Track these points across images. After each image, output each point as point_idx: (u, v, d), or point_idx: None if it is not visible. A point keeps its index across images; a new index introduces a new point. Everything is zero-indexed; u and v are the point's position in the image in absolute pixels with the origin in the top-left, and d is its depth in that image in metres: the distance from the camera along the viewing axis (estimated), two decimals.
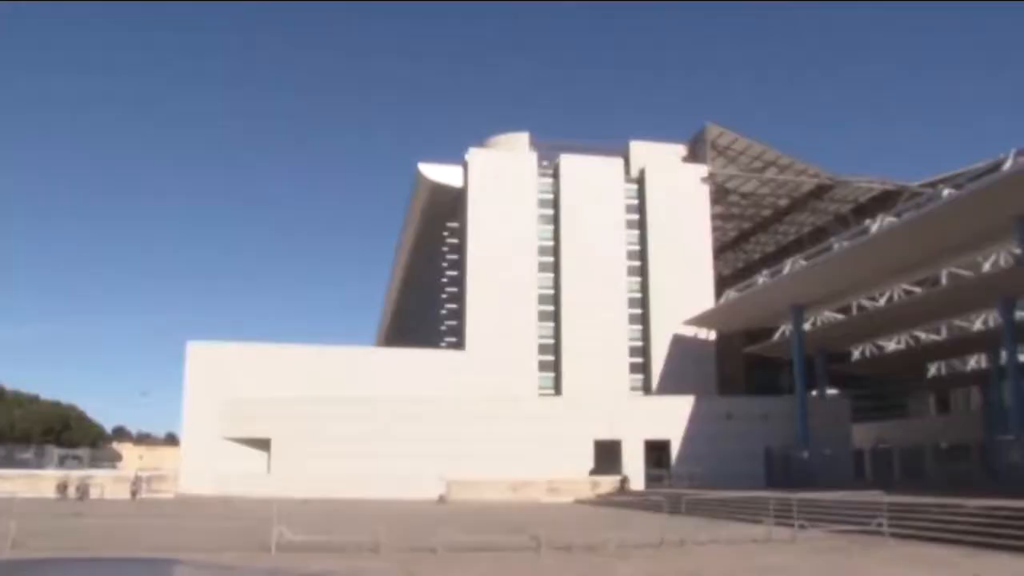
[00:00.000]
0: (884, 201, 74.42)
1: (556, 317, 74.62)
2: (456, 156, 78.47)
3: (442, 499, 55.01)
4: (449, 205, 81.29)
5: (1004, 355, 59.28)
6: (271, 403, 62.27)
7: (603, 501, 54.37)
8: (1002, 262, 58.22)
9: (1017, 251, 44.11)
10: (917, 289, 66.21)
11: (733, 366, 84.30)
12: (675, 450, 63.30)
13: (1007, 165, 39.81)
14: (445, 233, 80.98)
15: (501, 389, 65.91)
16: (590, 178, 77.47)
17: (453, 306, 77.65)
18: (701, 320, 73.09)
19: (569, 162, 78.06)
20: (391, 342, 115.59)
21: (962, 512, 26.11)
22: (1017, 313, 55.16)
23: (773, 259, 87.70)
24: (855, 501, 30.10)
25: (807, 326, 68.90)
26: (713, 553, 22.72)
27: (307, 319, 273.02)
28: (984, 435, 68.61)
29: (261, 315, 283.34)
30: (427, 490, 54.98)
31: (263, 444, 62.18)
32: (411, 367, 67.94)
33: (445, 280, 79.51)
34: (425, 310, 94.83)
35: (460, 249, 77.55)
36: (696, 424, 63.85)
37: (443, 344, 77.66)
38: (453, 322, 77.41)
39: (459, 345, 73.95)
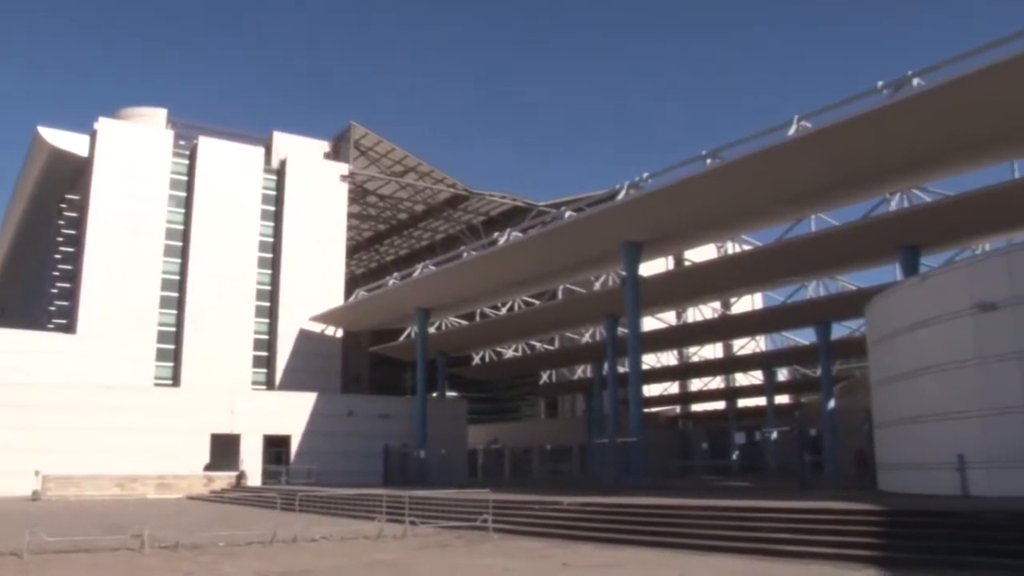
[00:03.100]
0: (513, 216, 79.00)
1: (180, 305, 70.74)
2: (88, 127, 71.81)
3: (36, 496, 50.14)
4: (70, 175, 74.29)
5: (606, 366, 65.06)
6: None
7: (217, 498, 52.57)
8: (611, 282, 63.84)
9: (623, 273, 48.53)
10: (536, 301, 70.99)
11: (359, 364, 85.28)
12: (295, 446, 62.60)
13: (620, 195, 43.74)
14: (63, 206, 73.93)
15: (115, 377, 61.36)
16: (229, 164, 74.51)
17: (66, 285, 70.92)
18: (329, 317, 73.05)
19: (208, 145, 74.56)
20: None
21: (559, 508, 28.21)
22: (619, 329, 60.72)
23: (405, 262, 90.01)
24: (465, 499, 31.44)
25: (432, 330, 71.29)
26: (324, 550, 22.65)
27: None
28: (585, 438, 74.93)
29: None
30: (19, 486, 49.89)
31: None
32: (9, 349, 61.18)
33: (59, 256, 72.48)
34: (31, 288, 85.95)
35: (79, 224, 71.12)
36: (317, 421, 63.65)
37: (51, 326, 70.76)
38: (64, 303, 70.79)
39: (70, 328, 67.84)
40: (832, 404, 59.97)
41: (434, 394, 73.68)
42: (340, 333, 77.03)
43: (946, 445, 25.06)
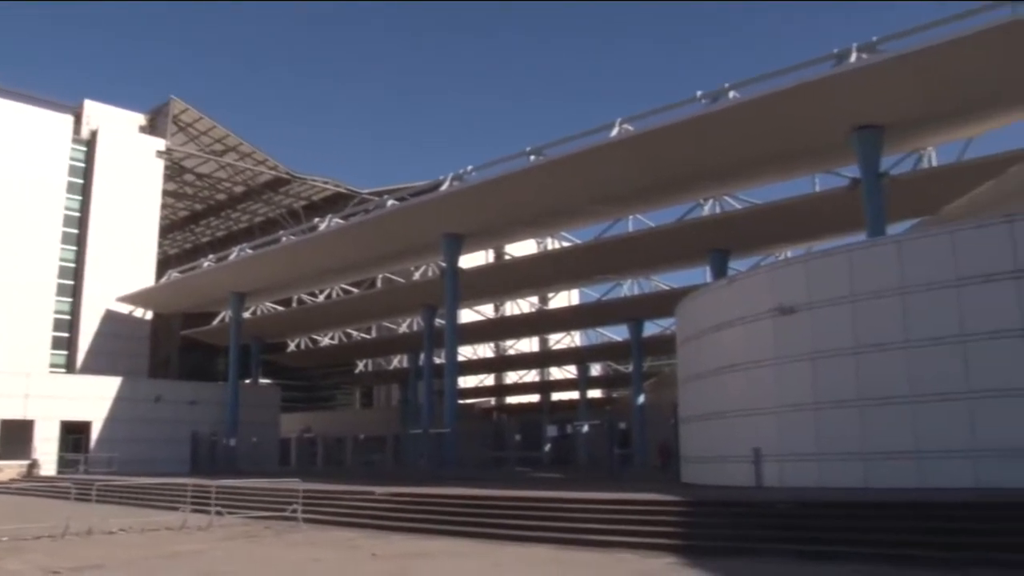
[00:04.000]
0: (336, 202, 77.60)
1: None
2: None
3: None
4: None
5: (423, 357, 65.07)
6: None
7: (3, 489, 49.15)
8: (430, 273, 63.85)
9: (443, 264, 48.61)
10: (354, 289, 70.20)
11: (168, 348, 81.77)
12: (96, 433, 59.29)
13: (443, 187, 43.73)
14: None
15: None
16: (31, 131, 69.34)
17: None
18: (138, 298, 69.52)
19: (7, 108, 69.31)
20: None
21: (371, 499, 28.01)
22: (437, 321, 60.80)
23: (221, 244, 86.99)
24: (275, 488, 30.70)
25: (247, 314, 69.21)
26: (122, 542, 21.59)
27: None
28: (400, 428, 74.72)
29: None
30: None
31: None
32: None
33: None
34: None
35: None
36: (122, 406, 60.45)
37: None
38: None
39: None
40: (642, 399, 62.27)
41: (247, 381, 71.61)
42: (150, 315, 73.34)
43: (744, 439, 26.46)
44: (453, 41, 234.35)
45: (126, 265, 70.48)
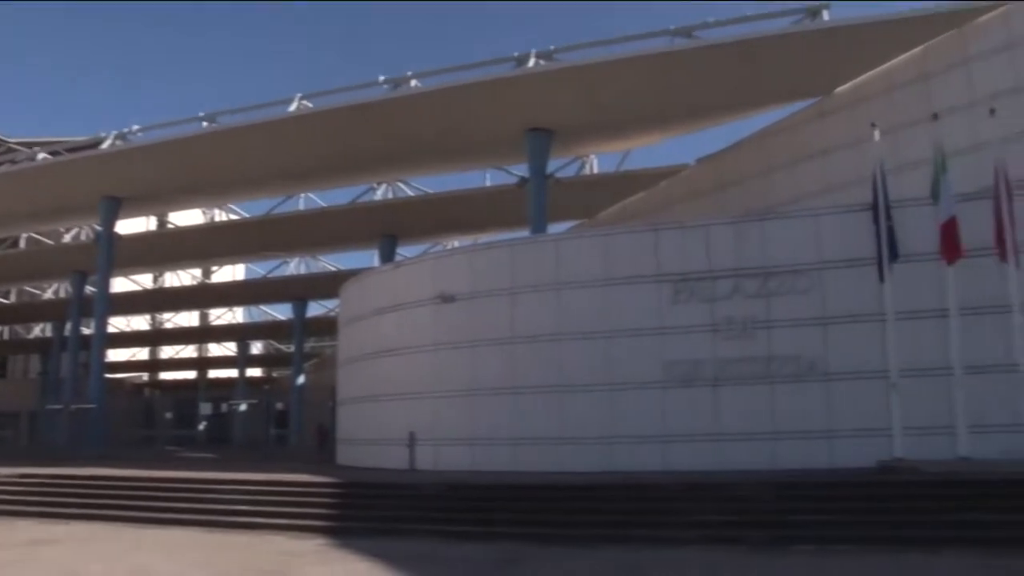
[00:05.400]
0: None
1: None
2: None
3: None
4: None
5: (69, 326, 60.18)
6: None
7: None
8: (84, 237, 59.22)
9: (99, 227, 45.22)
10: None
11: None
12: None
13: (105, 145, 40.62)
14: None
15: None
16: None
17: None
18: None
19: None
20: None
21: None
22: (88, 288, 56.48)
23: None
24: None
25: None
26: None
27: None
28: (37, 403, 68.60)
29: None
30: None
31: None
32: None
33: None
34: None
35: None
36: None
37: None
38: None
39: None
40: (302, 380, 61.67)
41: None
42: None
43: (400, 423, 27.10)
44: None
45: None
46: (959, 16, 27.04)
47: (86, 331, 57.98)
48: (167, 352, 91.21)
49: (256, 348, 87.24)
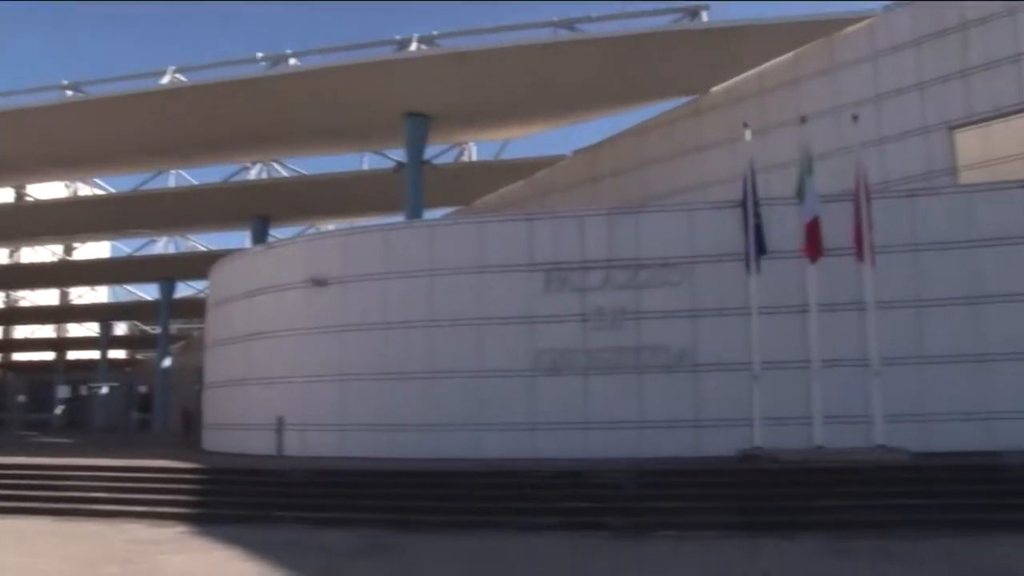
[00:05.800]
0: None
1: None
2: None
3: None
4: None
5: None
6: None
7: None
8: None
9: None
10: None
11: None
12: None
13: None
14: None
15: None
16: None
17: None
18: None
19: None
20: None
21: None
22: None
23: None
24: None
25: None
26: None
27: None
28: None
29: None
30: None
31: None
32: None
33: None
34: None
35: None
36: None
37: None
38: None
39: None
40: (168, 362, 59.80)
41: None
42: None
43: (268, 408, 26.57)
44: None
45: None
46: (828, 25, 28.41)
47: None
48: (22, 332, 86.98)
49: (120, 329, 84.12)
